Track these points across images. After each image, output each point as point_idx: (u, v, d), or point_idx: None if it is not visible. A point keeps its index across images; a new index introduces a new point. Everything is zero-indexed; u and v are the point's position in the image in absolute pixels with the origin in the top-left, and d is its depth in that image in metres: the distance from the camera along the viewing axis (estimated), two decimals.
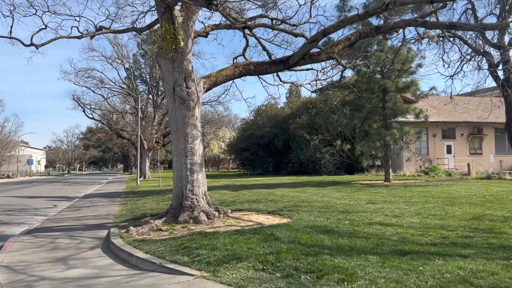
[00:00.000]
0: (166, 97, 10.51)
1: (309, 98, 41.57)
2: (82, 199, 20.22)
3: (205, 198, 10.26)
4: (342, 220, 9.61)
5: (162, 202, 16.30)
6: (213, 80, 10.90)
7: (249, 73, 11.22)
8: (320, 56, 11.35)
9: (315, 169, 37.78)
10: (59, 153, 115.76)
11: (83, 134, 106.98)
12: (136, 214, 12.39)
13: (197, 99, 10.39)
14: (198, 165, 10.24)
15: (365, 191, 18.43)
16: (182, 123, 10.18)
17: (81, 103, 45.71)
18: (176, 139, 10.26)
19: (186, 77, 10.29)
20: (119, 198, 19.87)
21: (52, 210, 15.57)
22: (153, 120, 46.33)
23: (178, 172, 10.19)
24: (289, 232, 7.83)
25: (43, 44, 12.46)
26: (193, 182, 10.06)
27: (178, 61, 10.22)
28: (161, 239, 8.01)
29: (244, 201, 15.08)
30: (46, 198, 21.20)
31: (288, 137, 40.27)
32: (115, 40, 44.49)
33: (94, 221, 11.62)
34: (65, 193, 25.52)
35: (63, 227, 10.64)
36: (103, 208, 15.01)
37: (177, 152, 10.23)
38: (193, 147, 10.20)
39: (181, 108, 10.21)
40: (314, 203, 13.66)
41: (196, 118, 10.35)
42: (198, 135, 10.34)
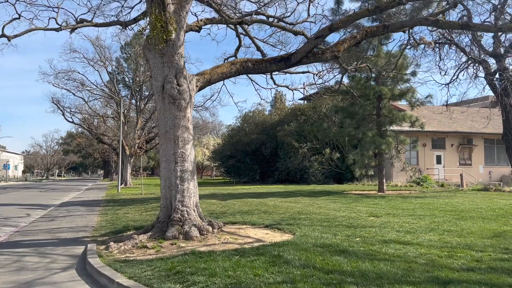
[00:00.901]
0: (154, 95, 9.34)
1: (297, 105, 40.70)
2: (58, 207, 18.75)
3: (197, 210, 9.09)
4: (352, 236, 8.54)
5: (145, 213, 15.03)
6: (207, 78, 9.77)
7: (246, 71, 10.15)
8: (325, 55, 10.35)
9: (303, 177, 36.82)
10: (38, 158, 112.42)
11: (62, 139, 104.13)
12: (117, 227, 11.10)
13: (189, 99, 9.25)
14: (190, 172, 9.07)
15: (362, 202, 17.46)
16: (172, 125, 9.02)
17: (60, 106, 43.94)
18: (165, 143, 9.08)
19: (177, 73, 9.14)
20: (99, 207, 18.47)
21: (23, 220, 14.13)
22: (136, 125, 44.81)
23: (167, 180, 9.00)
24: (298, 253, 6.70)
25: (16, 36, 11.21)
26: (184, 192, 8.88)
27: (168, 55, 9.08)
28: (147, 260, 6.79)
29: (235, 212, 13.93)
30: (19, 206, 19.62)
31: (276, 144, 39.26)
32: (98, 42, 43.04)
33: (70, 234, 10.30)
34: (41, 201, 23.89)
35: (33, 242, 9.31)
36: (81, 219, 13.65)
37: (166, 158, 9.04)
38: (184, 152, 9.03)
39: (171, 108, 9.05)
40: (313, 216, 12.59)
41: (188, 119, 9.20)
42: (190, 139, 9.18)
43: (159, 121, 9.28)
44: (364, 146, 22.29)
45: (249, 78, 17.22)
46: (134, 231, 10.32)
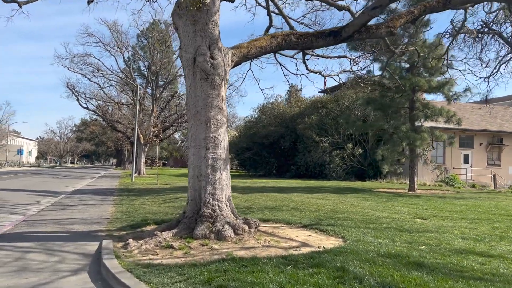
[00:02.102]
0: (184, 70, 8.04)
1: (318, 98, 39.19)
2: (70, 195, 17.64)
3: (230, 205, 7.78)
4: (414, 244, 7.16)
5: (163, 204, 13.81)
6: (243, 52, 8.42)
7: (289, 46, 8.76)
8: (379, 30, 8.92)
9: (322, 173, 35.38)
10: (51, 144, 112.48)
11: (76, 126, 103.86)
12: (135, 220, 9.87)
13: (224, 74, 7.91)
14: (222, 161, 7.76)
15: (397, 201, 16.03)
16: (203, 105, 7.70)
17: (75, 91, 42.98)
18: (195, 125, 7.77)
19: (211, 45, 7.81)
20: (113, 196, 17.33)
21: (32, 207, 13.00)
22: (152, 113, 43.75)
23: (196, 169, 7.70)
24: (366, 266, 5.35)
25: (28, 1, 9.94)
26: (215, 183, 7.57)
27: (201, 22, 7.74)
28: (175, 265, 5.51)
29: (262, 208, 12.62)
30: (29, 192, 18.58)
31: (295, 137, 37.81)
32: (115, 27, 42.01)
33: (82, 226, 9.09)
34: (52, 187, 22.88)
35: (40, 234, 8.11)
36: (94, 209, 12.47)
37: (196, 143, 7.74)
38: (217, 137, 7.72)
39: (203, 85, 7.73)
40: (351, 215, 11.22)
41: (222, 99, 7.88)
42: (223, 122, 7.86)
43: (188, 100, 7.96)
44: (396, 141, 20.79)
45: (278, 63, 15.88)
46: (154, 225, 9.08)
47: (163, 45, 42.80)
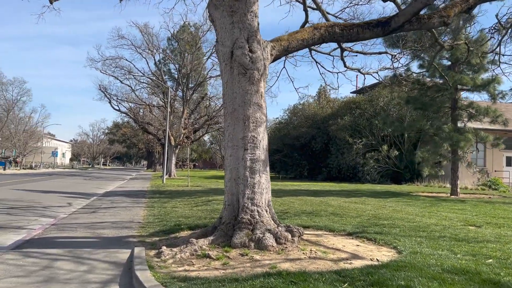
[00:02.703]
0: (220, 65, 7.47)
1: (351, 98, 38.14)
2: (101, 197, 17.45)
3: (270, 210, 7.16)
4: (478, 256, 6.34)
5: (195, 207, 13.34)
6: (284, 45, 7.80)
7: (333, 38, 8.08)
8: (431, 20, 8.13)
9: (356, 175, 34.35)
10: (84, 146, 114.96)
11: (108, 128, 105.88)
12: (168, 224, 9.39)
13: (263, 69, 7.31)
14: (262, 162, 7.15)
15: (442, 206, 15.04)
16: (241, 102, 7.12)
17: (107, 93, 43.42)
18: (232, 124, 7.19)
19: (250, 37, 7.22)
20: (144, 198, 17.02)
21: (63, 210, 12.77)
22: (182, 115, 43.72)
23: (233, 171, 7.12)
24: (433, 284, 4.62)
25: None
26: (254, 186, 6.97)
27: (239, 13, 7.17)
28: (215, 278, 4.92)
29: (299, 213, 11.95)
30: (61, 194, 18.52)
31: (327, 139, 36.89)
32: (146, 29, 42.19)
33: (113, 231, 8.67)
34: (84, 189, 22.88)
35: (69, 240, 7.71)
36: (125, 212, 12.10)
37: (233, 143, 7.16)
38: (256, 137, 7.12)
39: (241, 81, 7.15)
40: (397, 222, 10.40)
41: (261, 95, 7.28)
42: (263, 120, 7.26)
43: (225, 97, 7.40)
44: (437, 142, 19.67)
45: (314, 60, 15.22)
46: (188, 231, 8.57)
47: (194, 47, 42.73)
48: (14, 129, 64.95)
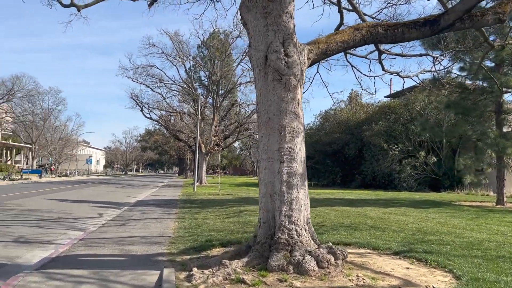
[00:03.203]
0: (253, 71, 6.94)
1: (386, 103, 36.99)
2: (132, 207, 17.22)
3: (309, 229, 6.54)
4: None
5: (227, 219, 12.84)
6: (322, 48, 7.20)
7: (376, 39, 7.42)
8: (485, 17, 7.35)
9: (391, 183, 33.17)
10: (118, 154, 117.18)
11: (141, 136, 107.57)
12: (199, 239, 8.90)
13: (300, 74, 6.74)
14: (299, 176, 6.55)
15: (490, 217, 14.01)
16: (276, 110, 6.56)
17: (139, 101, 43.83)
18: (267, 134, 6.64)
19: (286, 40, 6.67)
20: (175, 208, 16.67)
21: (93, 222, 12.52)
22: (212, 122, 43.60)
23: (268, 185, 6.55)
24: None
25: (87, 5, 9.40)
26: (292, 202, 6.38)
27: (274, 14, 6.63)
28: None
29: (336, 226, 11.24)
30: (92, 204, 18.43)
31: (361, 145, 35.85)
32: (176, 37, 42.37)
33: (142, 247, 8.24)
34: (116, 198, 22.83)
35: (96, 259, 7.32)
36: (155, 224, 11.72)
37: (268, 155, 6.60)
38: (293, 148, 6.54)
39: (276, 87, 6.60)
40: (444, 237, 9.56)
41: (298, 103, 6.70)
42: (300, 130, 6.67)
43: (258, 105, 6.86)
44: (481, 148, 18.52)
45: (349, 64, 14.53)
46: (220, 248, 8.05)
47: (224, 54, 42.63)
48: (50, 137, 66.70)
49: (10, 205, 16.15)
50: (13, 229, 10.43)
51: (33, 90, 58.68)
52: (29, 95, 57.89)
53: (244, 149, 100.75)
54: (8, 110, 59.11)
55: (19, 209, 14.76)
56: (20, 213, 13.70)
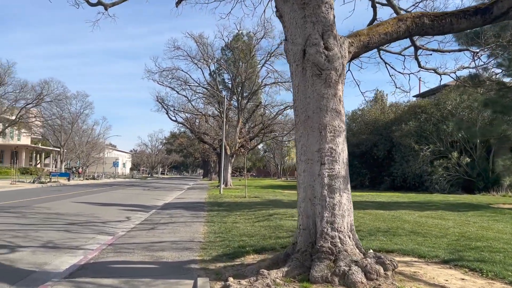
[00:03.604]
0: (290, 66, 6.49)
1: (416, 102, 35.92)
2: (160, 210, 17.00)
3: (353, 236, 6.05)
4: None
5: (257, 223, 12.41)
6: (363, 41, 6.70)
7: (421, 31, 6.87)
8: None
9: (422, 185, 32.15)
10: (143, 156, 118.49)
11: (166, 139, 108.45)
12: (231, 245, 8.50)
13: (341, 69, 6.26)
14: (342, 179, 6.07)
15: None
16: (316, 108, 6.10)
17: (164, 104, 43.98)
18: (305, 134, 6.18)
19: (325, 32, 6.20)
20: (203, 211, 16.36)
21: (122, 225, 12.30)
22: (237, 124, 43.34)
23: (308, 189, 6.09)
24: None
25: (114, 4, 9.16)
26: (334, 207, 5.90)
27: (312, 5, 6.18)
28: None
29: (373, 231, 10.66)
30: (120, 207, 18.32)
31: (390, 146, 34.90)
32: (201, 39, 42.31)
33: (173, 254, 7.89)
34: (143, 201, 22.74)
35: (126, 266, 7.00)
36: (185, 228, 11.39)
37: (307, 157, 6.14)
38: (334, 149, 6.06)
39: (315, 83, 6.13)
40: (492, 243, 8.89)
41: (339, 100, 6.22)
42: (342, 129, 6.19)
43: (296, 103, 6.40)
44: None
45: (383, 60, 13.91)
46: (254, 255, 7.64)
47: (248, 55, 42.38)
48: (78, 140, 67.83)
49: (39, 208, 16.16)
50: (42, 233, 10.28)
51: (61, 94, 59.79)
52: (57, 99, 58.99)
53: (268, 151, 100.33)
54: (37, 115, 60.38)
55: (48, 213, 14.72)
56: (49, 217, 13.62)
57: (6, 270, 6.75)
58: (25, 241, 9.16)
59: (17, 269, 6.80)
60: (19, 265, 7.04)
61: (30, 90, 55.03)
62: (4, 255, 7.71)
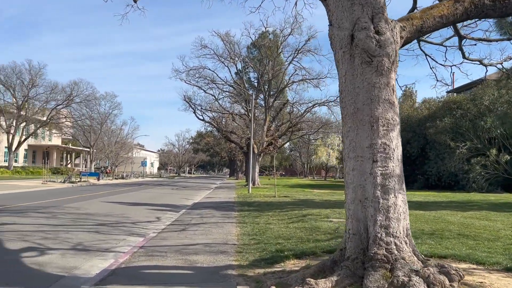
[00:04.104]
0: (336, 54, 5.90)
1: (451, 98, 34.53)
2: (190, 210, 16.65)
3: (410, 243, 5.42)
4: None
5: (291, 224, 11.85)
6: (416, 25, 6.05)
7: (481, 13, 6.16)
8: None
9: (458, 183, 30.86)
10: (171, 156, 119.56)
11: (192, 138, 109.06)
12: (268, 249, 7.97)
13: (394, 56, 5.63)
14: (397, 178, 5.45)
15: None
16: (366, 99, 5.49)
17: (192, 103, 43.87)
18: (354, 128, 5.58)
19: (375, 15, 5.59)
20: (233, 211, 15.91)
21: (152, 226, 11.96)
22: (264, 123, 42.82)
23: (357, 189, 5.49)
24: None
25: None
26: (389, 210, 5.29)
27: None
28: None
29: (418, 233, 9.89)
30: (150, 207, 18.07)
31: (424, 143, 33.69)
32: (227, 38, 41.98)
33: (207, 257, 7.42)
34: (172, 200, 22.50)
35: (159, 271, 6.57)
36: (217, 230, 10.94)
37: (356, 153, 5.54)
38: (388, 144, 5.44)
39: (365, 72, 5.53)
40: None
41: (392, 89, 5.60)
42: (396, 122, 5.57)
43: (343, 94, 5.81)
44: None
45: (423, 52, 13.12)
46: (295, 260, 7.10)
47: (275, 52, 41.82)
48: (107, 140, 68.77)
49: (69, 208, 16.05)
50: (71, 234, 10.00)
51: (90, 95, 60.72)
52: (87, 100, 59.92)
53: (294, 150, 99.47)
54: (68, 115, 61.47)
55: (78, 213, 14.55)
56: (79, 217, 13.43)
57: (34, 275, 6.42)
58: (54, 243, 8.89)
59: (46, 274, 6.46)
60: (47, 269, 6.71)
61: (60, 91, 56.13)
62: (33, 258, 7.42)
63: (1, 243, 8.66)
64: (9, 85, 50.78)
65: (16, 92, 51.79)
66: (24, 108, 51.82)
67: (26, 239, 9.17)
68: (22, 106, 51.67)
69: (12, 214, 13.44)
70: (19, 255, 7.65)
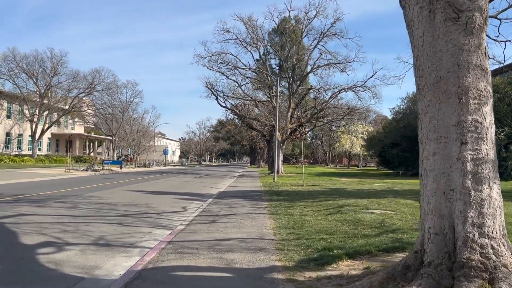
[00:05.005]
0: (408, 11, 4.78)
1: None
2: (216, 199, 15.76)
3: (507, 244, 4.31)
4: None
5: (329, 216, 10.81)
6: None
7: None
8: None
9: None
10: (192, 144, 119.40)
11: (213, 126, 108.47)
12: (313, 246, 6.97)
13: (486, 12, 4.47)
14: (491, 164, 4.35)
15: None
16: (453, 65, 4.37)
17: (214, 90, 42.94)
18: (435, 103, 4.47)
19: None
20: (262, 201, 14.97)
21: (179, 217, 11.09)
22: (288, 109, 41.63)
23: (440, 178, 4.40)
24: None
25: None
26: (482, 204, 4.20)
27: None
28: None
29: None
30: (174, 195, 17.26)
31: None
32: (250, 22, 40.71)
33: (245, 256, 6.46)
34: (197, 189, 21.71)
35: (192, 273, 5.63)
36: (249, 222, 9.98)
37: (437, 134, 4.45)
38: (480, 122, 4.33)
39: (450, 31, 4.40)
40: None
41: (484, 53, 4.46)
42: (489, 94, 4.44)
43: (419, 60, 4.68)
44: None
45: None
46: (348, 261, 6.08)
47: (300, 37, 40.44)
48: (129, 129, 68.64)
49: (91, 197, 15.34)
50: (93, 227, 9.19)
51: (112, 83, 60.37)
52: (108, 88, 59.60)
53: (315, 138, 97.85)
54: (90, 104, 61.38)
55: (100, 203, 13.80)
56: (101, 207, 12.66)
57: (49, 276, 5.56)
58: (74, 236, 8.06)
59: (63, 275, 5.60)
60: (65, 269, 5.85)
61: (82, 79, 55.87)
62: (50, 255, 6.58)
63: (16, 237, 7.88)
64: (31, 73, 50.71)
65: (38, 80, 51.72)
66: (46, 97, 51.76)
67: (44, 232, 8.39)
68: (45, 94, 51.61)
69: (32, 204, 12.76)
70: (35, 251, 6.83)
